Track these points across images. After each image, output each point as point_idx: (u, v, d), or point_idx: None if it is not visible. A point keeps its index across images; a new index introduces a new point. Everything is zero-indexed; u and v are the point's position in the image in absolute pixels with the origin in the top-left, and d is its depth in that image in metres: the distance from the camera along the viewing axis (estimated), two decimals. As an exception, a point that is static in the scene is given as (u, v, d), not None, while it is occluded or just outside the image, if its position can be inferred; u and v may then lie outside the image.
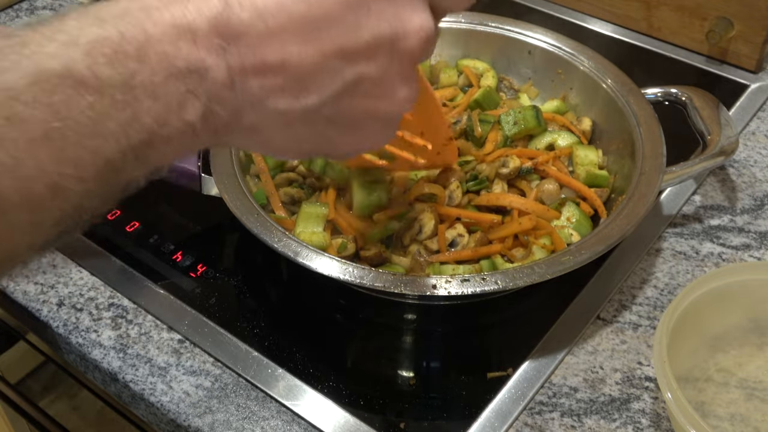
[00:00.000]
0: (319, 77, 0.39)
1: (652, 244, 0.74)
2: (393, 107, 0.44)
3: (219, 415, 0.62)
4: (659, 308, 0.69)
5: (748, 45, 0.92)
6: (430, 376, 0.66)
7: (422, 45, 0.42)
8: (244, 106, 0.39)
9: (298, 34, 0.38)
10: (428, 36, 0.42)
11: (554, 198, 0.73)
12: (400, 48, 0.41)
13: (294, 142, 0.43)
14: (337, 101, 0.41)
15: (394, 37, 0.41)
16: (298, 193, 0.74)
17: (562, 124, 0.80)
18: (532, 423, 0.61)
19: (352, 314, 0.71)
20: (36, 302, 0.70)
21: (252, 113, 0.39)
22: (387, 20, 0.40)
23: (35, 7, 1.08)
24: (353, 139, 0.45)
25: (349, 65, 0.40)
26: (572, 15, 1.03)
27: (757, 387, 0.63)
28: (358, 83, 0.41)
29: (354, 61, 0.40)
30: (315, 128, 0.42)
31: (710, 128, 0.76)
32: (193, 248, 0.74)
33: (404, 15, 0.41)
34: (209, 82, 0.37)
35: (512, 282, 0.61)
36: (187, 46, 0.36)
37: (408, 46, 0.41)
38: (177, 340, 0.67)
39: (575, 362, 0.65)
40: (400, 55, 0.41)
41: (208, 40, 0.36)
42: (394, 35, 0.41)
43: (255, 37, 0.37)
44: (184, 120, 0.37)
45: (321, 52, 0.39)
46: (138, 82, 0.35)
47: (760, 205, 0.78)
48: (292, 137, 0.42)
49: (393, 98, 0.43)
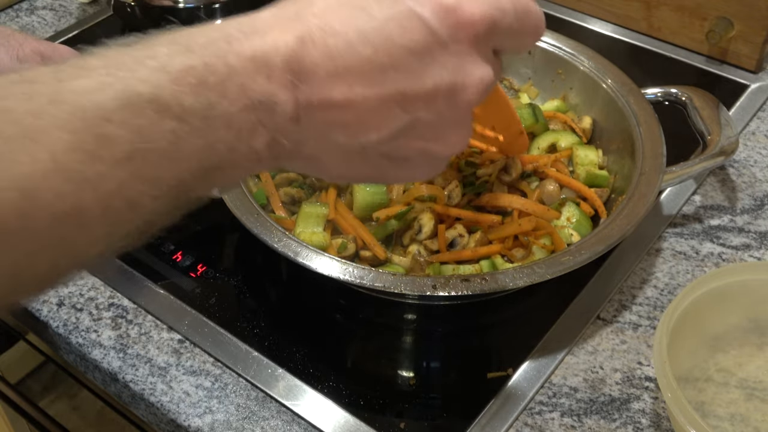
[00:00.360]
0: (379, 118, 0.41)
1: (652, 244, 0.74)
2: (445, 149, 0.46)
3: (219, 415, 0.62)
4: (659, 308, 0.69)
5: (748, 45, 0.92)
6: (430, 376, 0.66)
7: (480, 95, 0.44)
8: (307, 138, 0.41)
9: (364, 76, 0.40)
10: (487, 87, 0.44)
11: (555, 198, 0.73)
12: (458, 98, 0.43)
13: (349, 170, 0.45)
14: (393, 140, 0.43)
15: (453, 87, 0.42)
16: (298, 193, 0.74)
17: (563, 121, 0.80)
18: (532, 423, 0.61)
19: (352, 314, 0.71)
20: (36, 302, 0.70)
21: (313, 145, 0.41)
22: (449, 70, 0.42)
23: (35, 7, 1.08)
24: (405, 172, 0.47)
25: (408, 110, 0.42)
26: (572, 15, 1.03)
27: (757, 387, 0.63)
28: (415, 126, 0.43)
29: (413, 106, 0.42)
30: (370, 161, 0.44)
31: (710, 128, 0.76)
32: (193, 248, 0.74)
33: (466, 67, 0.42)
34: (278, 115, 0.39)
35: (512, 282, 0.61)
36: (262, 81, 0.38)
37: (466, 96, 0.43)
38: (177, 340, 0.67)
39: (575, 362, 0.65)
40: (457, 104, 0.43)
41: (281, 75, 0.38)
42: (453, 85, 0.42)
43: (324, 76, 0.39)
44: (251, 148, 0.39)
45: (384, 94, 0.41)
46: (217, 112, 0.37)
47: (760, 205, 0.78)
48: (348, 167, 0.44)
49: (446, 141, 0.45)
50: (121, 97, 0.34)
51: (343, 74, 0.39)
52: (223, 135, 0.37)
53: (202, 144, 0.37)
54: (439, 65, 0.41)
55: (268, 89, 0.38)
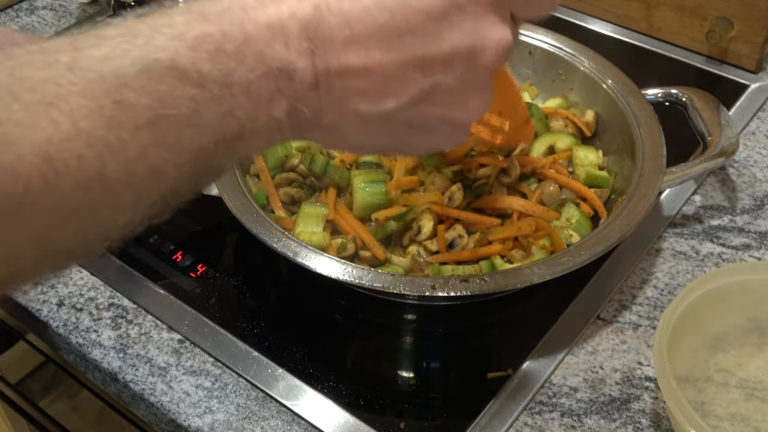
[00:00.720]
0: (397, 83, 0.41)
1: (652, 244, 0.74)
2: (466, 115, 0.45)
3: (219, 415, 0.62)
4: (659, 308, 0.69)
5: (748, 45, 0.92)
6: (430, 376, 0.66)
7: (499, 58, 0.43)
8: (326, 106, 0.41)
9: (381, 41, 0.40)
10: (506, 49, 0.43)
11: (555, 199, 0.73)
12: (477, 61, 0.42)
13: (369, 140, 0.45)
14: (412, 107, 0.43)
15: (472, 50, 0.42)
16: (298, 193, 0.74)
17: (565, 117, 0.80)
18: (532, 423, 0.61)
19: (352, 314, 0.71)
20: (36, 302, 0.70)
21: (333, 113, 0.41)
22: (467, 33, 0.41)
23: (35, 7, 1.08)
24: (425, 141, 0.46)
25: (426, 74, 0.41)
26: (572, 15, 1.03)
27: (757, 387, 0.63)
28: (434, 91, 0.43)
29: (432, 70, 0.41)
30: (390, 129, 0.44)
31: (710, 129, 0.76)
32: (193, 248, 0.74)
33: (484, 29, 0.42)
34: (297, 82, 0.39)
35: (511, 283, 0.61)
36: (280, 48, 0.38)
37: (485, 59, 0.43)
38: (177, 340, 0.67)
39: (575, 362, 0.65)
40: (476, 68, 0.43)
41: (298, 42, 0.38)
42: (472, 48, 0.42)
43: (341, 42, 0.39)
44: (271, 116, 0.39)
45: (401, 60, 0.40)
46: (235, 79, 0.37)
47: (760, 205, 0.78)
48: (368, 136, 0.44)
49: (467, 107, 0.45)
50: (140, 63, 0.35)
51: (360, 40, 0.39)
52: (242, 102, 0.38)
53: (221, 111, 0.37)
54: (457, 28, 0.41)
55: (286, 56, 0.38)
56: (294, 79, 0.39)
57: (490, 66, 0.43)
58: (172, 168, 0.37)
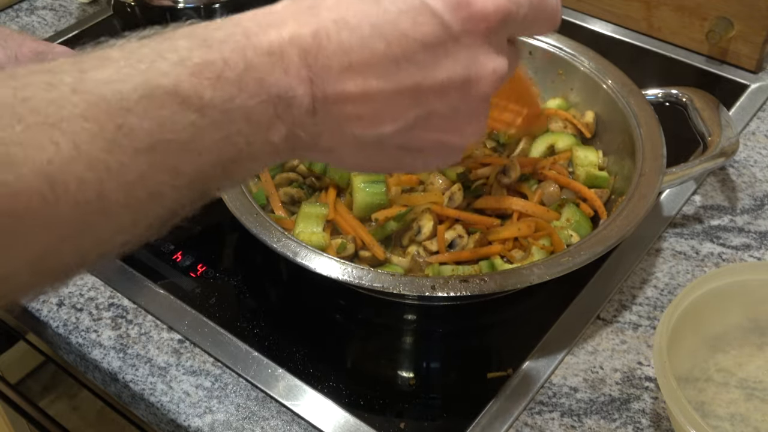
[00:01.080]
0: (393, 110, 0.42)
1: (652, 244, 0.74)
2: (461, 139, 0.46)
3: (219, 415, 0.62)
4: (659, 308, 0.69)
5: (748, 45, 0.92)
6: (430, 376, 0.66)
7: (494, 86, 0.44)
8: (323, 131, 0.42)
9: (378, 69, 0.40)
10: (501, 78, 0.44)
11: (555, 199, 0.73)
12: (471, 90, 0.43)
13: (366, 161, 0.46)
14: (408, 131, 0.43)
15: (467, 80, 0.43)
16: (298, 193, 0.74)
17: (564, 118, 0.80)
18: (532, 423, 0.61)
19: (352, 314, 0.71)
20: (36, 302, 0.70)
21: (330, 137, 0.42)
22: (462, 63, 0.42)
23: (35, 7, 1.08)
24: (421, 162, 0.47)
25: (422, 102, 0.42)
26: (572, 15, 1.03)
27: (757, 387, 0.63)
28: (429, 117, 0.43)
29: (427, 98, 0.42)
30: (386, 152, 0.45)
31: (711, 129, 0.75)
32: (193, 248, 0.74)
33: (479, 60, 0.43)
34: (295, 108, 0.40)
35: (511, 283, 0.61)
36: (279, 75, 0.39)
37: (480, 88, 0.43)
38: (177, 340, 0.67)
39: (575, 362, 0.65)
40: (471, 96, 0.43)
41: (298, 70, 0.39)
42: (467, 78, 0.42)
43: (339, 70, 0.40)
44: (269, 141, 0.40)
45: (397, 87, 0.41)
46: (235, 105, 0.38)
47: (760, 205, 0.78)
48: (365, 158, 0.45)
49: (462, 132, 0.45)
50: (142, 88, 0.35)
51: (358, 68, 0.40)
52: (241, 128, 0.38)
53: (221, 136, 0.38)
54: (452, 58, 0.42)
55: (286, 83, 0.39)
56: (292, 106, 0.39)
57: (485, 95, 0.44)
58: (170, 190, 0.37)
